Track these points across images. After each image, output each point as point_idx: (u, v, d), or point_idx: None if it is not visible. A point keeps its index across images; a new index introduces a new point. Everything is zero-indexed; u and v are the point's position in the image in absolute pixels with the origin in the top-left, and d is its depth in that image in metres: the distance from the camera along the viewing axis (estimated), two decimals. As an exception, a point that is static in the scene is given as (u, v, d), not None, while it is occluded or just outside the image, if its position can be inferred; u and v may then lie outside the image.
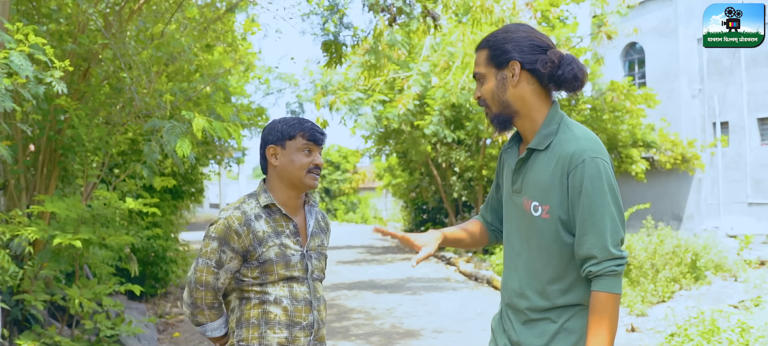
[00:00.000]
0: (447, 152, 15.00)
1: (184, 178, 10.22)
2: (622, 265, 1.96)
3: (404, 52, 8.79)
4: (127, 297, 8.19)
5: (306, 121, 2.36)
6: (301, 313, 2.31)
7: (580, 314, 2.07)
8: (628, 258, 2.02)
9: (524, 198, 2.10)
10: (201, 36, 6.57)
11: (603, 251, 1.95)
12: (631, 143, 14.63)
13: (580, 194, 1.97)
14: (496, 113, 2.13)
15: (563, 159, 2.01)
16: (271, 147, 2.34)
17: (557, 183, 2.02)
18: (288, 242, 2.32)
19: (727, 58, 17.98)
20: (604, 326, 1.95)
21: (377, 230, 2.26)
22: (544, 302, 2.08)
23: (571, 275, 2.06)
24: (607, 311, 1.95)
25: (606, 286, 1.95)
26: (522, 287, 2.14)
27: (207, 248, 2.27)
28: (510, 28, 2.14)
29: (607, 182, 1.97)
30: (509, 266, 2.21)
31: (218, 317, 2.37)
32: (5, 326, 4.80)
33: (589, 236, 1.96)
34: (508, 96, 2.09)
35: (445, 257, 14.91)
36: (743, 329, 5.52)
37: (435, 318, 8.29)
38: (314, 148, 2.35)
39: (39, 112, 5.17)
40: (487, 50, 2.13)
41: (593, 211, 1.96)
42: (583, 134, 2.06)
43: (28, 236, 4.54)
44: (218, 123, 4.50)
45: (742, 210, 17.77)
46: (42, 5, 5.61)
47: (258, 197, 2.35)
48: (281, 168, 2.34)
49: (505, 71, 2.09)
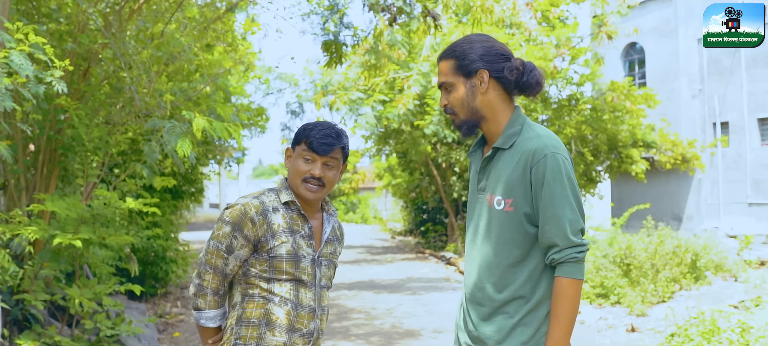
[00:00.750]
0: (447, 152, 14.99)
1: (184, 178, 10.21)
2: (582, 252, 2.10)
3: (404, 52, 8.78)
4: (127, 297, 8.19)
5: (316, 128, 2.30)
6: (303, 320, 2.29)
7: (536, 309, 2.17)
8: (588, 246, 2.15)
9: (488, 194, 2.23)
10: (201, 36, 6.56)
11: (564, 239, 2.09)
12: (631, 143, 14.62)
13: (542, 186, 2.11)
14: (465, 119, 2.25)
15: (526, 155, 2.14)
16: (288, 148, 2.35)
17: (520, 177, 2.15)
18: (302, 242, 2.30)
19: (727, 59, 17.98)
20: (566, 308, 2.10)
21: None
22: (501, 294, 2.20)
23: (529, 266, 2.17)
24: (569, 296, 2.10)
25: (568, 272, 2.10)
26: (481, 280, 2.24)
27: (219, 231, 2.24)
28: (472, 39, 2.27)
29: (566, 176, 2.11)
30: (470, 262, 2.32)
31: (217, 307, 2.31)
32: (5, 325, 4.80)
33: (551, 225, 2.10)
34: (478, 103, 2.22)
35: (445, 257, 14.91)
36: (743, 330, 5.52)
37: (435, 318, 8.29)
38: (316, 158, 2.28)
39: (39, 111, 5.16)
40: (453, 60, 2.24)
41: (554, 202, 2.09)
42: (544, 133, 2.19)
43: (28, 235, 4.53)
44: (218, 123, 4.50)
45: (742, 210, 17.77)
46: (42, 5, 5.60)
47: (279, 193, 2.33)
48: (288, 171, 2.35)
49: (474, 79, 2.21)
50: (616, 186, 19.36)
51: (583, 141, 13.87)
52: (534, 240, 2.16)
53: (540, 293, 2.17)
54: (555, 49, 12.21)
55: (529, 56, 11.71)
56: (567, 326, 2.10)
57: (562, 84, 13.98)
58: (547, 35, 13.17)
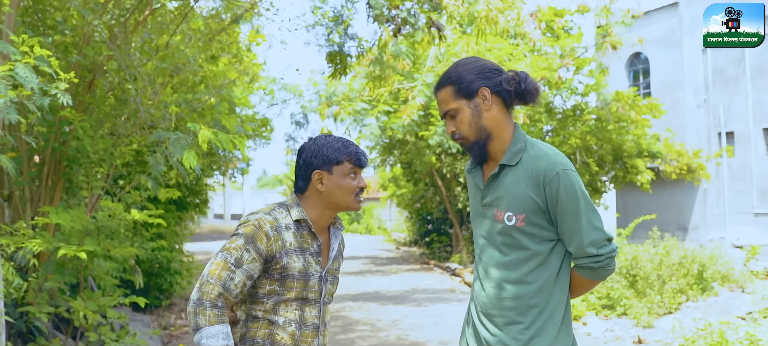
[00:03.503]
0: (451, 163, 14.97)
1: (188, 189, 10.21)
2: (599, 262, 2.22)
3: (409, 63, 8.77)
4: (132, 309, 8.17)
5: (350, 144, 2.35)
6: (307, 338, 2.28)
7: (552, 317, 2.26)
8: (616, 249, 2.27)
9: (496, 210, 2.28)
10: (206, 47, 6.58)
11: (579, 251, 2.22)
12: (637, 154, 14.57)
13: (557, 204, 2.20)
14: (475, 140, 2.30)
15: (537, 173, 2.21)
16: (316, 173, 2.31)
17: (533, 194, 2.21)
18: (311, 260, 2.29)
19: (732, 68, 17.94)
20: (584, 290, 2.38)
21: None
22: (516, 306, 2.26)
23: (542, 277, 2.25)
24: (584, 286, 2.34)
25: (586, 274, 2.28)
26: (494, 293, 2.30)
27: (231, 244, 2.20)
28: (462, 62, 2.33)
29: (579, 190, 2.20)
30: (481, 276, 2.37)
31: (218, 323, 2.14)
32: (9, 338, 4.78)
33: (570, 238, 2.22)
34: (484, 120, 2.28)
35: (450, 267, 14.87)
36: (752, 342, 5.47)
37: (440, 330, 8.25)
38: (358, 172, 2.35)
39: (44, 123, 5.16)
40: (451, 86, 2.30)
41: (570, 218, 2.20)
42: (550, 150, 2.27)
43: (32, 247, 4.52)
44: (224, 135, 4.49)
45: (747, 220, 17.69)
46: (47, 17, 5.62)
47: (289, 209, 2.31)
48: (327, 193, 2.32)
49: (476, 99, 2.27)
50: (622, 196, 19.30)
51: (588, 151, 13.84)
52: (547, 253, 2.24)
53: (554, 301, 2.26)
54: (559, 60, 12.22)
55: (534, 66, 11.71)
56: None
57: (566, 94, 13.97)
58: (551, 46, 13.17)
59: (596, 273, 2.25)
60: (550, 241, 2.25)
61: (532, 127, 13.33)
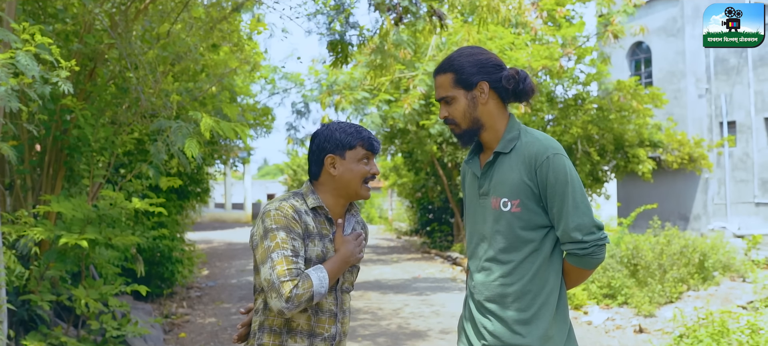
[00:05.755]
0: (453, 152, 14.96)
1: (190, 178, 10.21)
2: (584, 248, 2.23)
3: (410, 52, 8.74)
4: (133, 297, 8.19)
5: (363, 129, 2.35)
6: (324, 325, 2.27)
7: (547, 302, 2.28)
8: (606, 239, 2.28)
9: (492, 197, 2.32)
10: (207, 36, 6.55)
11: (565, 235, 2.24)
12: (638, 143, 14.54)
13: (547, 187, 2.23)
14: (466, 129, 2.35)
15: (529, 158, 2.26)
16: (329, 156, 2.30)
17: (526, 179, 2.25)
18: (330, 246, 2.29)
19: (733, 58, 17.91)
20: (577, 282, 2.39)
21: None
22: (511, 292, 2.28)
23: (536, 263, 2.28)
24: (575, 274, 2.34)
25: (572, 261, 2.29)
26: (490, 279, 2.32)
27: (273, 241, 2.14)
28: (467, 51, 2.36)
29: (569, 174, 2.23)
30: (476, 264, 2.39)
31: (310, 277, 2.13)
32: (11, 326, 4.79)
33: (558, 222, 2.25)
34: (479, 113, 2.33)
35: (451, 257, 14.89)
36: (753, 331, 5.48)
37: (442, 319, 8.26)
38: (371, 157, 2.35)
39: (45, 112, 5.16)
40: (452, 74, 2.33)
41: (559, 201, 2.23)
42: (542, 136, 2.31)
43: (34, 236, 4.52)
44: (225, 123, 4.49)
45: (749, 210, 17.70)
46: (48, 5, 5.60)
47: (305, 198, 2.31)
48: (339, 177, 2.31)
49: (474, 91, 2.32)
50: (623, 186, 19.30)
51: (589, 141, 13.82)
52: (541, 238, 2.28)
53: (548, 288, 2.29)
54: (561, 49, 12.17)
55: (535, 56, 11.67)
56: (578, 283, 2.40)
57: (568, 83, 13.93)
58: (553, 35, 13.12)
59: (582, 261, 2.25)
60: (543, 227, 2.27)
61: (534, 117, 13.31)
